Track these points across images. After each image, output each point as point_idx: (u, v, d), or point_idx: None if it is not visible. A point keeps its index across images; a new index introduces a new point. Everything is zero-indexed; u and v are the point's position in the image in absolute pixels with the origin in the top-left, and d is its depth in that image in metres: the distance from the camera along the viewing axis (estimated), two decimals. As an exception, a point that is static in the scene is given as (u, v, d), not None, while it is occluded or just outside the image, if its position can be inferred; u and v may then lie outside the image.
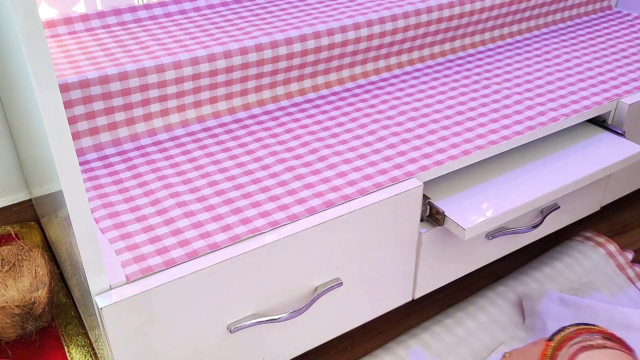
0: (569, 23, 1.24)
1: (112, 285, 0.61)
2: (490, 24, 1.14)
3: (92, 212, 0.71)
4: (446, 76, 1.03)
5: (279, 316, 0.68)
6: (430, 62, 1.08)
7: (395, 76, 1.04)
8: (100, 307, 0.59)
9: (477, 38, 1.14)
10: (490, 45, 1.15)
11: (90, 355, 0.74)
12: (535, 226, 0.90)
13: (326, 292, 0.74)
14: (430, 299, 0.99)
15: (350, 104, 0.95)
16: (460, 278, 0.91)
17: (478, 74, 1.04)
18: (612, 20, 1.26)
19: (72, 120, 0.82)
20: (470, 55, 1.11)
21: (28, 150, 0.77)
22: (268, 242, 0.67)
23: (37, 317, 0.74)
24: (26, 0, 0.46)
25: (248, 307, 0.68)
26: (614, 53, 1.11)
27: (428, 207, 0.81)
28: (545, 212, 0.91)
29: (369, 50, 1.02)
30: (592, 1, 1.27)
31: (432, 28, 1.06)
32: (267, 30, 0.95)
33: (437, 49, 1.10)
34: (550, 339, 0.70)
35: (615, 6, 1.32)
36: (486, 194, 0.83)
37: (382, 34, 1.01)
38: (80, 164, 0.81)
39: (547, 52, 1.12)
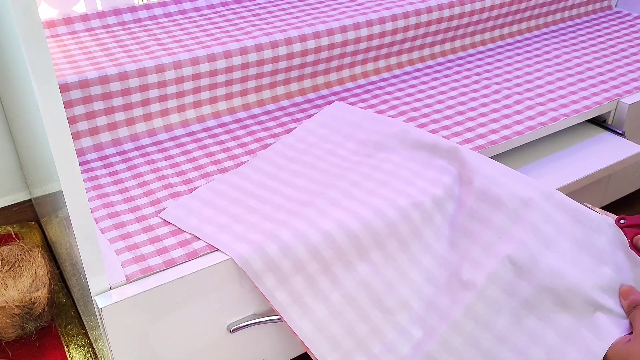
0: (569, 23, 1.24)
1: (112, 285, 0.61)
2: (490, 24, 1.14)
3: (92, 212, 0.71)
4: (446, 76, 1.03)
5: (279, 316, 0.68)
6: (430, 62, 1.08)
7: (396, 76, 1.04)
8: (100, 307, 0.59)
9: (477, 38, 1.14)
10: (490, 45, 1.15)
11: (90, 355, 0.74)
12: (536, 226, 0.90)
13: (326, 292, 0.74)
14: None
15: (350, 104, 0.95)
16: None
17: (478, 74, 1.04)
18: (612, 20, 1.26)
19: (72, 120, 0.82)
20: (470, 55, 1.11)
21: (28, 151, 0.77)
22: (268, 242, 0.67)
23: (37, 317, 0.74)
24: (26, 0, 0.46)
25: (248, 307, 0.68)
26: (614, 53, 1.11)
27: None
28: (546, 212, 0.91)
29: (369, 50, 1.02)
30: (592, 1, 1.27)
31: (432, 28, 1.06)
32: (267, 30, 0.95)
33: (437, 49, 1.10)
34: None
35: (615, 6, 1.32)
36: (486, 194, 0.83)
37: (382, 34, 1.01)
38: (80, 164, 0.81)
39: (547, 52, 1.12)
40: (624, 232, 0.67)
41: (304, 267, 0.65)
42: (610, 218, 0.68)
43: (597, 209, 0.71)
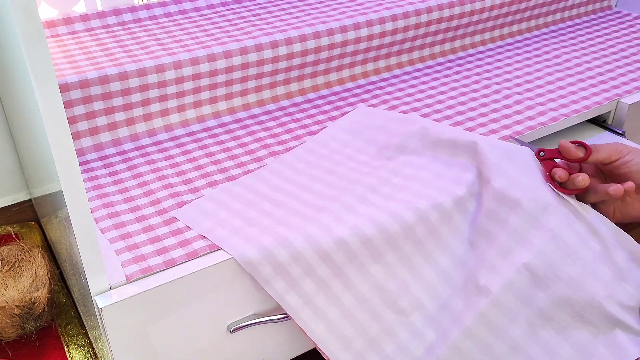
0: (569, 23, 1.24)
1: (112, 285, 0.61)
2: (490, 24, 1.14)
3: (92, 212, 0.71)
4: (446, 76, 1.03)
5: (279, 316, 0.68)
6: (430, 62, 1.08)
7: (396, 76, 1.04)
8: (100, 307, 0.59)
9: (477, 38, 1.14)
10: (490, 45, 1.15)
11: (90, 355, 0.74)
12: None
13: (326, 292, 0.74)
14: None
15: (350, 104, 0.95)
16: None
17: (478, 74, 1.04)
18: (612, 20, 1.26)
19: (72, 120, 0.82)
20: (470, 55, 1.11)
21: (28, 150, 0.77)
22: (268, 242, 0.67)
23: (37, 317, 0.74)
24: (26, 0, 0.46)
25: (248, 307, 0.68)
26: (614, 53, 1.11)
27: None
28: (545, 212, 0.91)
29: (369, 50, 1.02)
30: (592, 1, 1.27)
31: (432, 28, 1.06)
32: (267, 30, 0.95)
33: (437, 49, 1.10)
34: None
35: (615, 6, 1.32)
36: (486, 194, 0.83)
37: (382, 34, 1.01)
38: (80, 164, 0.81)
39: (547, 52, 1.12)
40: (542, 164, 0.67)
41: (314, 271, 0.65)
42: (530, 149, 0.69)
43: (526, 143, 0.72)
